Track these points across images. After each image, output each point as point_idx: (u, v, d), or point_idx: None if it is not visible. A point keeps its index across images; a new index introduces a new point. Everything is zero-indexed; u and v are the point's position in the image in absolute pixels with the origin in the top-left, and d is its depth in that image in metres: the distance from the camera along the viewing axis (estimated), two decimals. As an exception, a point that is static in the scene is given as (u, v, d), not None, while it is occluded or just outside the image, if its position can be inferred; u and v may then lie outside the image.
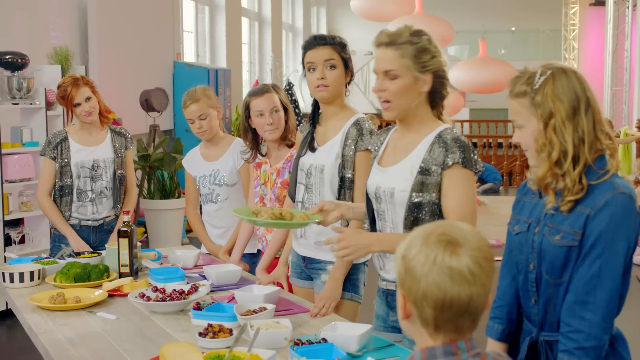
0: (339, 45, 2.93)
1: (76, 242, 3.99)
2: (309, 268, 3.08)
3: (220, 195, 3.78)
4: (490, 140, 15.88)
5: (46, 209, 4.08)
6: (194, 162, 3.90)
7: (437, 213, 2.43)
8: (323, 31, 21.38)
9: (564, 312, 2.01)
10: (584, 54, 19.47)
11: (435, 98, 2.49)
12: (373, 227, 2.61)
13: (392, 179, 2.48)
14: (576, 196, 1.98)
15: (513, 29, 22.18)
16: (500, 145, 16.88)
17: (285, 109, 3.48)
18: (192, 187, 3.92)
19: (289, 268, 3.25)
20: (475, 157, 2.42)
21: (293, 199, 3.09)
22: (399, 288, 1.52)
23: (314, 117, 3.07)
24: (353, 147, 2.90)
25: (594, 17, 19.11)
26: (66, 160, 4.05)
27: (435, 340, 1.51)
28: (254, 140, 3.53)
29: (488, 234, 2.65)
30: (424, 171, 2.42)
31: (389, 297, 2.60)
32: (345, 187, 2.91)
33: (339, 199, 2.90)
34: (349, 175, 2.90)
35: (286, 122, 3.48)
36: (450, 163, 2.39)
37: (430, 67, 2.44)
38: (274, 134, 3.43)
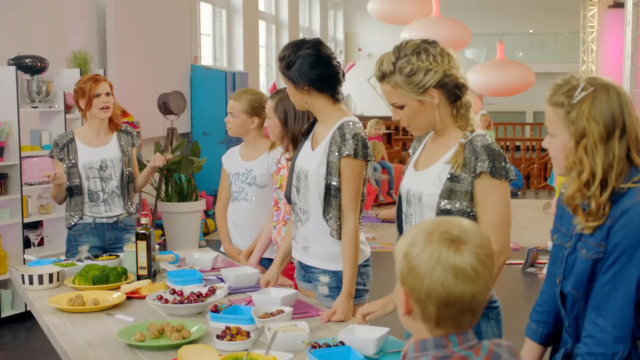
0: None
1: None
2: (307, 273, 3.08)
3: (250, 194, 3.80)
4: (508, 143, 15.82)
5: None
6: (231, 159, 3.94)
7: None
8: (340, 34, 21.41)
9: (585, 318, 2.01)
10: (602, 57, 19.34)
11: (453, 101, 2.44)
12: (400, 231, 2.62)
13: (422, 182, 2.47)
14: (599, 222, 1.95)
15: (531, 31, 22.07)
16: (517, 148, 16.82)
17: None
18: (225, 184, 3.95)
19: (286, 270, 3.30)
20: (507, 165, 2.39)
21: (289, 200, 3.09)
22: (401, 285, 1.53)
23: (313, 122, 3.07)
24: (337, 154, 2.85)
25: (612, 19, 18.97)
26: (73, 161, 4.13)
27: (432, 334, 1.51)
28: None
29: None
30: (453, 178, 2.39)
31: None
32: (331, 195, 2.87)
33: (325, 206, 2.87)
34: (335, 183, 2.85)
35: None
36: (479, 171, 2.37)
37: (429, 84, 2.38)
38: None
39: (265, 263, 3.66)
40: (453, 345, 1.50)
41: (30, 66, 5.91)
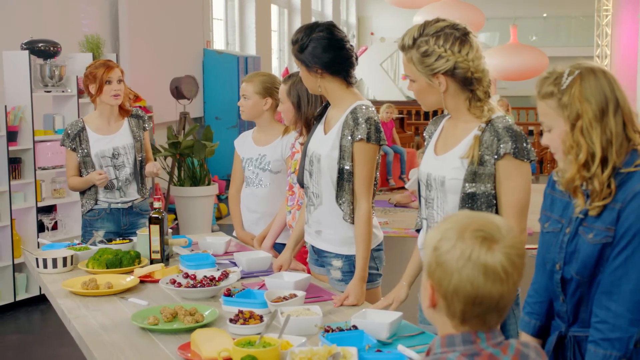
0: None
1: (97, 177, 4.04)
2: (320, 257, 3.08)
3: (264, 180, 3.80)
4: (521, 128, 15.73)
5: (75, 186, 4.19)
6: (244, 144, 3.93)
7: (494, 204, 2.40)
8: (352, 18, 21.31)
9: (594, 304, 1.99)
10: (617, 41, 19.16)
11: (468, 90, 2.43)
12: (421, 214, 2.62)
13: (443, 167, 2.46)
14: (604, 201, 1.95)
15: (545, 15, 21.90)
16: (531, 132, 16.72)
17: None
18: (238, 168, 3.94)
19: (299, 254, 3.29)
20: (528, 146, 2.38)
21: (302, 184, 3.09)
22: (427, 277, 1.51)
23: (326, 106, 3.06)
24: (349, 138, 2.84)
25: (628, 2, 18.77)
26: (86, 150, 4.10)
27: (457, 330, 1.50)
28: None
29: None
30: (476, 161, 2.38)
31: None
32: (344, 179, 2.86)
33: (338, 190, 2.87)
34: (348, 167, 2.85)
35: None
36: (502, 153, 2.35)
37: (438, 70, 2.38)
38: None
39: (278, 248, 3.66)
40: (482, 342, 1.48)
41: (43, 50, 5.93)
